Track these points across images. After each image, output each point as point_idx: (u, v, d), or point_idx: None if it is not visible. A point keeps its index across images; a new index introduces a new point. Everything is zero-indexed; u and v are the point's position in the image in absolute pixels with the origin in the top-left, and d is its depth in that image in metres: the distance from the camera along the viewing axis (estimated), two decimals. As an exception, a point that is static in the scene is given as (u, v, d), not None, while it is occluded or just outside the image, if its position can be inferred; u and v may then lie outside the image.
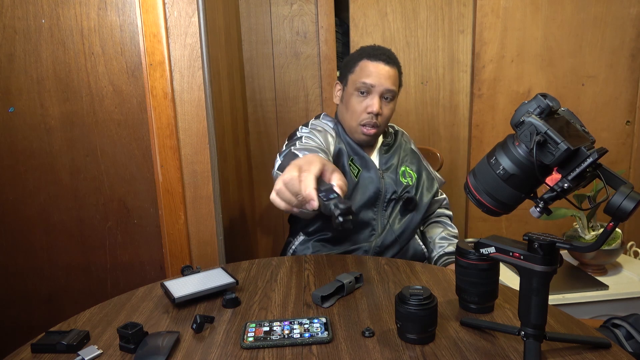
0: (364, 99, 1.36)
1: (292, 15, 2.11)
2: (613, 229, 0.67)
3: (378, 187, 1.39)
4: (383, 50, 1.39)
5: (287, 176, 0.76)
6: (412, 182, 1.45)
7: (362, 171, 1.40)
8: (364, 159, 1.41)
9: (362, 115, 1.36)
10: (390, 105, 1.39)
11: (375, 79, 1.34)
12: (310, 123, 1.45)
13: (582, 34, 2.07)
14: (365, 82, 1.34)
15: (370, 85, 1.34)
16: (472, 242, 0.91)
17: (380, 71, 1.34)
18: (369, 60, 1.36)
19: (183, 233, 1.47)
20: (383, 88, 1.34)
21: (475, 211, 2.21)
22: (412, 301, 0.82)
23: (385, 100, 1.37)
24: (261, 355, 0.81)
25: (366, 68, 1.35)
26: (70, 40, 1.39)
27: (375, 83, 1.34)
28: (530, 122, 0.69)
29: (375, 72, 1.34)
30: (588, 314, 1.58)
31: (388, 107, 1.38)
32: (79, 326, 0.94)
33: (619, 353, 0.79)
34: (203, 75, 1.40)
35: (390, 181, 1.41)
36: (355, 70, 1.37)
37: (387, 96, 1.37)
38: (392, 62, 1.36)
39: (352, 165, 1.39)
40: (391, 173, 1.43)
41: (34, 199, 1.48)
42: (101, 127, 1.45)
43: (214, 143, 1.46)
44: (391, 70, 1.35)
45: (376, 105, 1.34)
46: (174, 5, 1.36)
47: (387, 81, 1.34)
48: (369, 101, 1.35)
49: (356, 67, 1.37)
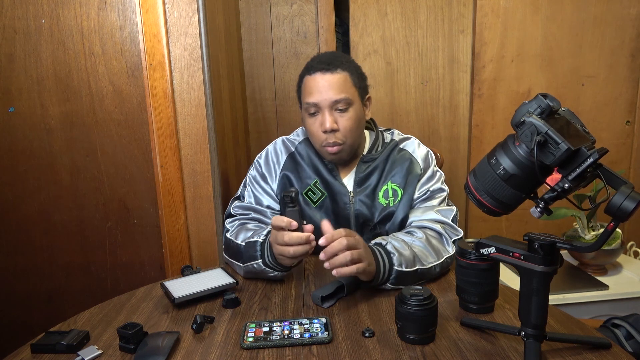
0: (316, 118, 1.20)
1: (292, 15, 2.11)
2: (613, 229, 0.67)
3: (345, 213, 1.24)
4: (322, 57, 1.22)
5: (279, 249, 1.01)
6: (395, 200, 1.23)
7: (325, 196, 1.25)
8: (328, 182, 1.25)
9: (319, 136, 1.20)
10: (347, 114, 1.19)
11: (316, 95, 1.18)
12: (264, 156, 1.32)
13: (582, 34, 2.07)
14: (308, 102, 1.19)
15: (314, 104, 1.18)
16: (472, 242, 0.91)
17: (319, 84, 1.17)
18: (308, 74, 1.21)
19: (183, 233, 1.47)
20: (329, 101, 1.17)
21: (475, 211, 2.21)
22: (412, 301, 0.82)
23: (339, 112, 1.19)
24: (261, 355, 0.81)
25: (307, 85, 1.20)
26: (70, 40, 1.39)
27: (318, 99, 1.17)
28: (530, 122, 0.69)
29: (314, 86, 1.18)
30: (588, 314, 1.58)
31: (345, 118, 1.19)
32: (79, 326, 0.94)
33: (619, 353, 0.79)
34: (203, 75, 1.40)
35: (361, 206, 1.23)
36: (301, 90, 1.24)
37: (339, 107, 1.18)
38: (332, 67, 1.18)
39: (315, 188, 1.26)
40: (366, 196, 1.24)
41: (34, 199, 1.48)
42: (101, 127, 1.44)
43: (214, 143, 1.46)
44: (334, 77, 1.17)
45: (327, 121, 1.17)
46: (174, 5, 1.36)
47: (329, 92, 1.17)
48: (320, 118, 1.19)
49: (301, 86, 1.24)
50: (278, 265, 1.06)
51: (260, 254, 1.08)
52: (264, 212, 1.27)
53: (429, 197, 1.24)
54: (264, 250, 1.08)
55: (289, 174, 1.28)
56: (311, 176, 1.27)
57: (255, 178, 1.31)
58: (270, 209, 1.28)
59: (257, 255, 1.08)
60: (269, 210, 1.28)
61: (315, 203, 1.26)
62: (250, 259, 1.10)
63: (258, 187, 1.29)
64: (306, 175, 1.27)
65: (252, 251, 1.09)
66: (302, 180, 1.27)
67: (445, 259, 1.12)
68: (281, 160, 1.30)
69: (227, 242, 1.20)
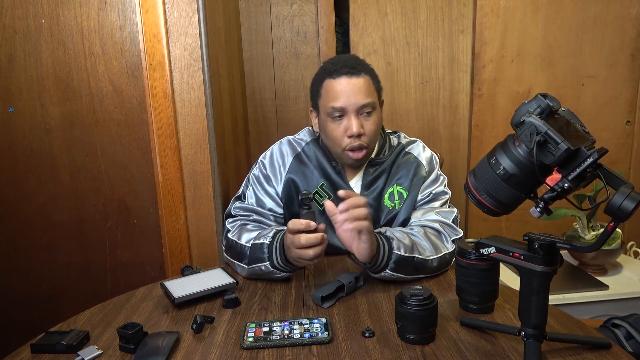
0: (341, 123, 1.18)
1: (292, 15, 2.11)
2: (613, 229, 0.67)
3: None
4: (344, 61, 1.20)
5: (297, 253, 1.01)
6: (401, 203, 1.24)
7: (333, 198, 1.24)
8: (335, 184, 1.26)
9: (344, 140, 1.19)
10: (371, 119, 1.19)
11: (344, 100, 1.16)
12: (268, 157, 1.31)
13: (582, 34, 2.07)
14: (334, 107, 1.17)
15: (340, 109, 1.17)
16: (472, 242, 0.91)
17: (346, 88, 1.16)
18: (331, 78, 1.18)
19: (183, 233, 1.47)
20: (356, 105, 1.16)
21: (475, 211, 2.21)
22: (412, 301, 0.82)
23: (365, 116, 1.18)
24: (261, 355, 0.81)
25: (331, 89, 1.18)
26: (70, 40, 1.39)
27: (345, 104, 1.16)
28: (530, 122, 0.69)
29: (341, 91, 1.16)
30: (588, 314, 1.58)
31: (370, 122, 1.19)
32: (79, 326, 0.94)
33: (619, 353, 0.79)
34: (203, 75, 1.40)
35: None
36: (322, 94, 1.21)
37: (365, 111, 1.18)
38: (357, 71, 1.18)
39: (322, 191, 1.26)
40: (372, 199, 1.25)
41: (34, 199, 1.48)
42: (101, 127, 1.45)
43: (214, 143, 1.46)
44: (359, 81, 1.17)
45: (355, 126, 1.16)
46: (174, 5, 1.36)
47: (357, 96, 1.16)
48: (347, 123, 1.17)
49: (321, 90, 1.21)
50: (287, 266, 1.07)
51: (268, 256, 1.07)
52: (265, 214, 1.26)
53: (431, 199, 1.25)
54: (271, 252, 1.07)
55: (294, 177, 1.27)
56: (318, 178, 1.27)
57: (259, 179, 1.29)
58: (272, 212, 1.26)
59: (265, 257, 1.08)
60: (271, 214, 1.26)
61: (322, 206, 1.26)
62: (257, 261, 1.09)
63: (261, 188, 1.28)
64: (313, 177, 1.27)
65: (259, 253, 1.09)
66: (308, 183, 1.27)
67: (444, 255, 1.12)
68: (287, 162, 1.29)
69: (229, 243, 1.19)
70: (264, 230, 1.16)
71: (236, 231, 1.20)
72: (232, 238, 1.18)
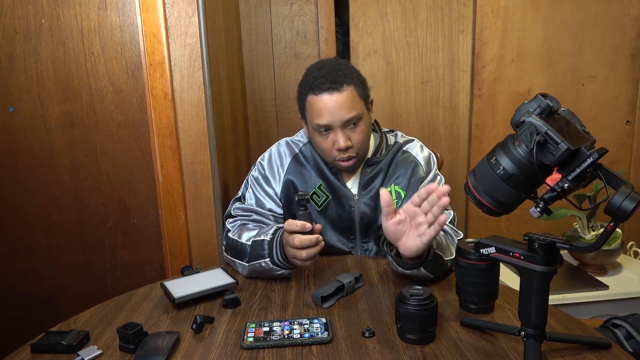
0: (327, 136, 1.19)
1: (292, 15, 2.11)
2: (613, 229, 0.67)
3: (350, 217, 1.26)
4: (325, 74, 1.17)
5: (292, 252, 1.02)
6: (399, 202, 1.24)
7: (330, 199, 1.26)
8: (333, 185, 1.26)
9: (332, 152, 1.19)
10: (358, 129, 1.18)
11: (327, 117, 1.15)
12: (267, 158, 1.31)
13: (582, 34, 2.06)
14: (319, 124, 1.17)
15: (325, 126, 1.17)
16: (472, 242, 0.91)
17: (328, 105, 1.15)
18: (313, 94, 1.17)
19: (183, 233, 1.47)
20: (341, 121, 1.16)
21: (475, 211, 2.21)
22: (412, 301, 0.82)
23: (352, 127, 1.18)
24: (261, 355, 0.81)
25: (315, 106, 1.17)
26: (70, 40, 1.39)
27: (330, 120, 1.16)
28: (530, 122, 0.69)
29: (324, 108, 1.15)
30: (588, 314, 1.58)
31: (357, 132, 1.19)
32: (79, 326, 0.94)
33: (619, 353, 0.79)
34: (203, 75, 1.40)
35: (366, 208, 1.24)
36: (307, 108, 1.21)
37: (351, 123, 1.17)
38: (338, 85, 1.15)
39: (320, 191, 1.26)
40: (370, 199, 1.25)
41: (34, 199, 1.48)
42: (101, 127, 1.45)
43: (214, 143, 1.46)
44: (341, 96, 1.15)
45: (341, 140, 1.16)
46: (174, 5, 1.36)
47: (341, 112, 1.15)
48: (333, 137, 1.18)
49: (306, 104, 1.20)
50: (287, 263, 1.07)
51: (269, 253, 1.08)
52: (265, 214, 1.26)
53: None
54: (272, 249, 1.08)
55: (293, 178, 1.27)
56: (316, 179, 1.27)
57: (258, 180, 1.29)
58: (272, 212, 1.27)
59: (265, 253, 1.08)
60: (271, 214, 1.27)
61: (320, 206, 1.26)
62: (257, 258, 1.09)
63: (260, 189, 1.28)
64: (311, 178, 1.27)
65: (259, 250, 1.09)
66: (306, 183, 1.27)
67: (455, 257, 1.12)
68: (285, 163, 1.29)
69: (229, 241, 1.19)
70: (265, 227, 1.17)
71: (236, 230, 1.20)
72: (233, 237, 1.18)
